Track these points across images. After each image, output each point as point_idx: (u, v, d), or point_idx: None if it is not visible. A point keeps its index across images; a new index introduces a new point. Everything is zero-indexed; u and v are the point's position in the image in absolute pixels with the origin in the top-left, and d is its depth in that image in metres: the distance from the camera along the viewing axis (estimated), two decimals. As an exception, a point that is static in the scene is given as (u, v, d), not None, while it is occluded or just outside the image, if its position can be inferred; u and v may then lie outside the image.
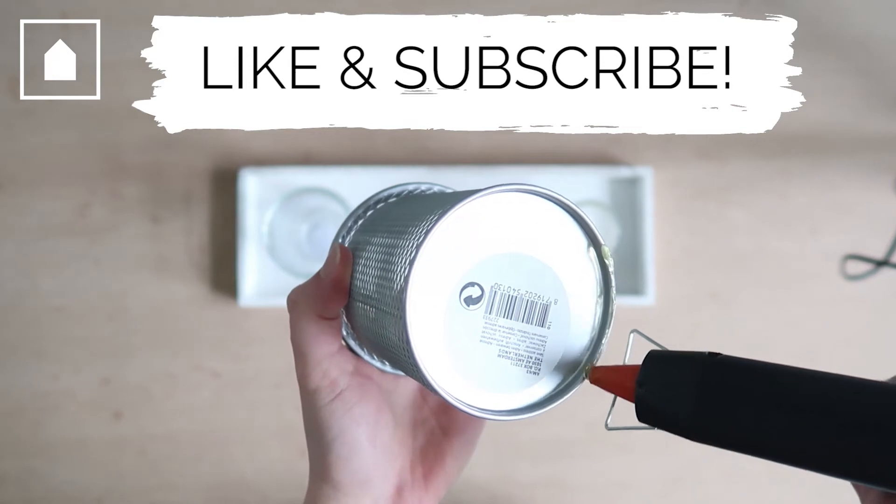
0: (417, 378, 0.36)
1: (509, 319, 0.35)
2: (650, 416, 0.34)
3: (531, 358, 0.36)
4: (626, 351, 0.38)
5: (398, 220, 0.39)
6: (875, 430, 0.30)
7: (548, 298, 0.36)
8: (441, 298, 0.34)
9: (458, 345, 0.35)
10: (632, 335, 0.38)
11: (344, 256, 0.41)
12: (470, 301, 0.35)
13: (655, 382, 0.34)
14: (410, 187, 0.45)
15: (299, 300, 0.41)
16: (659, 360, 0.34)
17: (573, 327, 0.37)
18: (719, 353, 0.34)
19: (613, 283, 0.37)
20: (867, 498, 0.33)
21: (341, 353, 0.41)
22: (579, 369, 0.37)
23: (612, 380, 0.36)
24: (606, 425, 0.37)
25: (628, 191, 0.84)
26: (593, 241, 0.37)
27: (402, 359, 0.36)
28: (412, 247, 0.34)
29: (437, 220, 0.34)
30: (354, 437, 0.41)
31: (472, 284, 0.35)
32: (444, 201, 0.36)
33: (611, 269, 0.37)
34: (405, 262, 0.34)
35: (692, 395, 0.33)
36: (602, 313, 0.37)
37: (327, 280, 0.41)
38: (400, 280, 0.34)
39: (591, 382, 0.37)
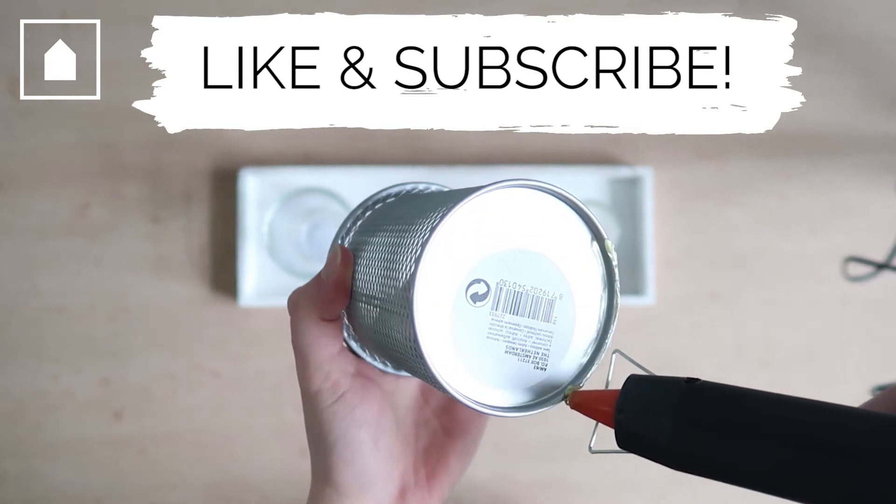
0: (425, 377, 0.36)
1: (515, 315, 0.35)
2: (630, 442, 0.33)
3: (538, 353, 0.36)
4: (609, 372, 0.37)
5: (401, 219, 0.39)
6: (857, 458, 0.28)
7: (553, 293, 0.36)
8: (447, 296, 0.34)
9: (465, 342, 0.35)
10: (614, 356, 0.37)
11: (345, 257, 0.41)
12: (476, 298, 0.35)
13: (634, 409, 0.33)
14: (408, 187, 0.45)
15: (300, 302, 0.41)
16: (638, 386, 0.34)
17: (579, 322, 0.37)
18: (697, 379, 0.33)
19: (617, 277, 0.37)
20: None
21: (343, 355, 0.41)
22: (558, 391, 0.36)
23: (591, 405, 0.35)
24: (590, 448, 0.37)
25: (628, 191, 0.84)
26: (596, 235, 0.37)
27: (408, 358, 0.36)
28: (417, 245, 0.34)
29: (441, 218, 0.34)
30: (357, 439, 0.40)
31: (477, 281, 0.35)
32: (448, 199, 0.36)
33: (614, 262, 0.37)
34: (410, 261, 0.34)
35: (670, 422, 0.32)
36: (607, 307, 0.37)
37: (328, 281, 0.40)
38: (405, 278, 0.34)
39: (572, 408, 0.36)
